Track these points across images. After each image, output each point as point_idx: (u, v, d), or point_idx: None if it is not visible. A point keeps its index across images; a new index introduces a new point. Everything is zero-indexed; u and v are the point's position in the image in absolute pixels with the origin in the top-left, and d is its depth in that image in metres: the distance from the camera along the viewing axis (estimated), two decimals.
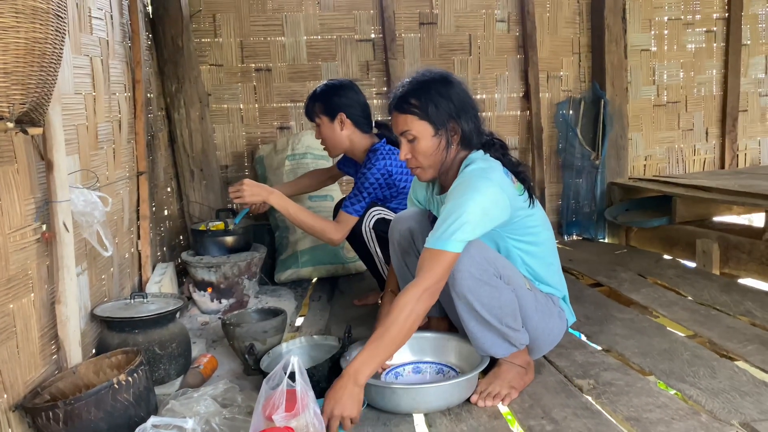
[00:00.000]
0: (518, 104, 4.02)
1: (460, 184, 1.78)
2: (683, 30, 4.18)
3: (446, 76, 1.88)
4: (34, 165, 1.76)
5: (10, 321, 1.62)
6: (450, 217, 1.71)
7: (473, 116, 1.87)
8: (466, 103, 1.86)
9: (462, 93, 1.87)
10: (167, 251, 3.23)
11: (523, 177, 1.88)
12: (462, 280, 1.73)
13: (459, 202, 1.72)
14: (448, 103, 1.83)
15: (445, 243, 1.69)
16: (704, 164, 4.36)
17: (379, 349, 1.69)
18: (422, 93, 1.83)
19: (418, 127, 1.84)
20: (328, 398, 1.65)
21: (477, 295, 1.75)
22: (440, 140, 1.85)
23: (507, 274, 1.81)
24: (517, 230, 1.89)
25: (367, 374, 1.67)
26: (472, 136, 1.87)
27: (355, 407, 1.63)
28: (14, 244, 1.64)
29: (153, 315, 2.06)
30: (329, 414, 1.61)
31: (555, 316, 1.96)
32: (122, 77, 2.61)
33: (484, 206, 1.72)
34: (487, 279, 1.75)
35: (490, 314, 1.77)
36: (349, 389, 1.63)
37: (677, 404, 1.75)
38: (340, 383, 1.65)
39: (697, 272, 3.10)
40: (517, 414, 1.78)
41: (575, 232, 4.12)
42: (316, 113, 2.66)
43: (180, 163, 3.49)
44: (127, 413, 1.61)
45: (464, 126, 1.85)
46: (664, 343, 2.20)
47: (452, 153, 1.88)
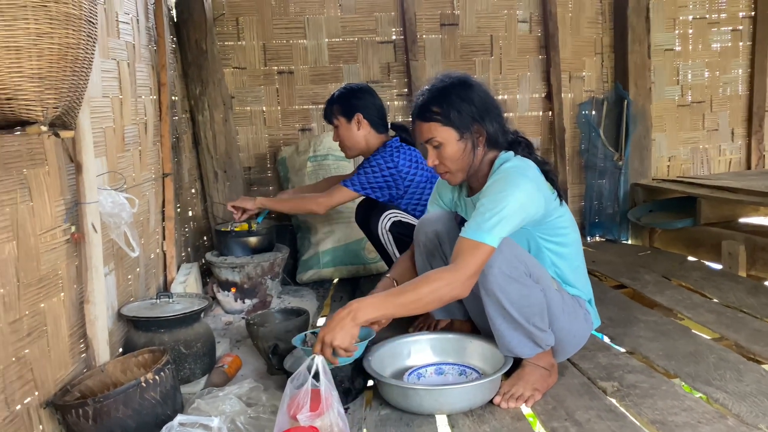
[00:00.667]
0: (540, 105, 4.00)
1: (498, 180, 1.78)
2: (708, 29, 4.12)
3: (465, 80, 1.88)
4: (64, 167, 1.80)
5: (41, 320, 1.66)
6: (489, 211, 1.70)
7: (497, 116, 1.87)
8: (488, 104, 1.86)
9: (483, 94, 1.87)
10: (192, 252, 3.27)
11: (551, 176, 1.88)
12: (492, 277, 1.73)
13: (498, 197, 1.72)
14: (470, 107, 1.83)
15: (484, 236, 1.68)
16: (730, 165, 4.30)
17: (389, 303, 1.68)
18: (443, 99, 1.83)
19: (442, 134, 1.85)
20: (324, 326, 1.66)
21: (506, 292, 1.74)
22: (466, 144, 1.85)
23: (536, 273, 1.80)
24: (548, 230, 1.89)
25: (368, 317, 1.65)
26: (498, 136, 1.88)
27: (347, 339, 1.62)
28: (45, 245, 1.68)
29: (178, 315, 2.09)
30: (321, 339, 1.63)
31: (581, 318, 1.95)
32: (148, 80, 2.65)
33: (522, 202, 1.72)
34: (517, 276, 1.74)
35: (519, 313, 1.76)
36: (347, 323, 1.63)
37: (703, 407, 1.73)
38: (340, 315, 1.65)
39: (722, 274, 3.06)
40: (540, 416, 1.77)
41: (598, 233, 4.08)
42: (335, 114, 2.73)
43: (204, 165, 3.53)
44: (154, 411, 1.64)
45: (488, 127, 1.85)
46: (690, 345, 2.18)
47: (479, 155, 1.89)
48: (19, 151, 1.58)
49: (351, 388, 1.93)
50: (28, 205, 1.62)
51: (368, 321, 1.67)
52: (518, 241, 1.86)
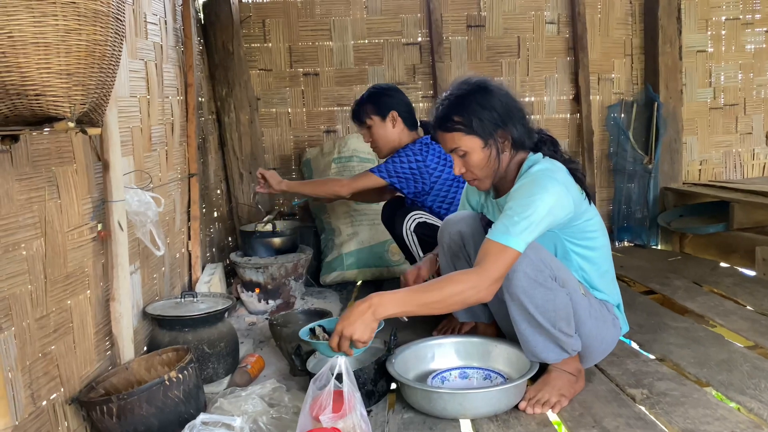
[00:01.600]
0: (568, 107, 3.95)
1: (526, 183, 1.74)
2: (742, 30, 4.02)
3: (484, 86, 1.83)
4: (91, 165, 1.81)
5: (68, 317, 1.67)
6: (517, 215, 1.67)
7: (520, 119, 1.83)
8: (510, 107, 1.81)
9: (504, 98, 1.82)
10: (216, 252, 3.29)
11: (579, 175, 1.84)
12: (517, 281, 1.70)
13: (527, 201, 1.68)
14: (491, 113, 1.79)
15: (510, 240, 1.64)
16: (764, 169, 4.19)
17: (411, 300, 1.66)
18: (464, 108, 1.80)
19: (466, 143, 1.81)
20: (343, 317, 1.64)
21: (531, 296, 1.71)
22: (491, 150, 1.81)
23: (562, 277, 1.76)
24: (575, 233, 1.85)
25: (389, 313, 1.63)
26: (523, 138, 1.84)
27: (366, 333, 1.62)
28: (72, 242, 1.70)
29: (203, 314, 2.09)
30: (339, 332, 1.62)
31: (609, 323, 1.91)
32: (175, 81, 2.67)
33: (550, 206, 1.68)
34: (542, 281, 1.71)
35: (544, 317, 1.73)
36: (367, 317, 1.62)
37: (737, 417, 1.67)
38: (360, 308, 1.62)
39: (756, 281, 2.97)
40: (567, 422, 1.73)
41: (627, 238, 4.01)
42: (367, 114, 2.69)
43: (229, 166, 3.55)
44: (177, 410, 1.64)
45: (512, 131, 1.81)
46: (722, 353, 2.12)
47: (505, 159, 1.85)
48: (48, 149, 1.59)
49: (374, 391, 1.91)
50: (56, 202, 1.63)
51: (388, 317, 1.65)
52: (545, 245, 1.82)
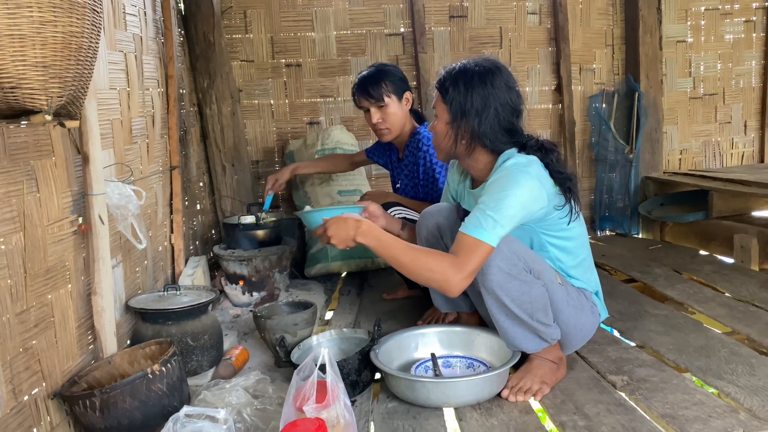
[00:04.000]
0: (550, 97, 3.97)
1: (500, 178, 1.74)
2: (721, 20, 4.07)
3: (484, 74, 1.80)
4: (71, 159, 1.80)
5: (49, 311, 1.66)
6: (490, 209, 1.68)
7: (494, 120, 1.79)
8: (488, 105, 1.79)
9: (490, 95, 1.79)
10: (200, 245, 3.27)
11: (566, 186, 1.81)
12: (491, 276, 1.71)
13: (500, 196, 1.69)
14: (467, 100, 1.79)
15: (483, 234, 1.66)
16: (743, 158, 4.25)
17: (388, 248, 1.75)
18: (453, 80, 1.83)
19: (439, 109, 1.89)
20: (338, 219, 1.80)
21: (506, 290, 1.73)
22: (452, 130, 1.85)
23: (537, 268, 1.78)
24: (551, 226, 1.86)
25: (366, 243, 1.76)
26: (484, 139, 1.81)
27: (341, 244, 1.79)
28: (52, 236, 1.68)
29: (186, 307, 2.08)
30: (327, 227, 1.80)
31: (587, 310, 1.93)
32: (155, 73, 2.65)
33: (523, 201, 1.70)
34: (516, 273, 1.73)
35: (521, 309, 1.75)
36: (350, 233, 1.77)
37: (714, 402, 1.70)
38: (350, 224, 1.77)
39: (735, 268, 3.02)
40: (549, 409, 1.76)
41: (608, 227, 4.05)
42: (387, 92, 2.57)
43: (212, 158, 3.53)
44: (161, 402, 1.64)
45: (476, 127, 1.80)
46: (701, 339, 2.15)
47: (463, 148, 1.86)
48: (26, 142, 1.58)
49: (358, 381, 1.92)
50: (35, 196, 1.62)
51: (364, 245, 1.76)
52: (521, 238, 1.84)
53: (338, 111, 3.82)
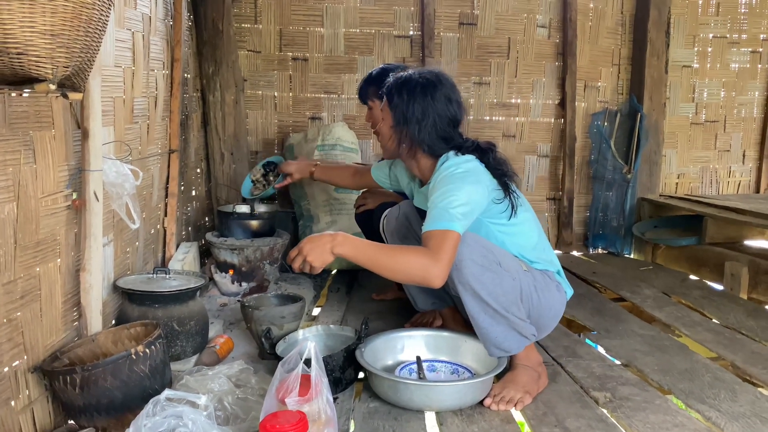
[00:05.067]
0: (553, 111, 3.98)
1: (442, 178, 1.83)
2: (728, 48, 4.09)
3: (426, 85, 1.91)
4: (70, 133, 1.78)
5: (36, 284, 1.64)
6: (441, 204, 1.74)
7: (432, 129, 1.90)
8: (426, 115, 1.89)
9: (429, 106, 1.89)
10: (192, 231, 3.26)
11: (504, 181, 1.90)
12: (465, 268, 1.74)
13: (445, 191, 1.77)
14: (408, 109, 1.90)
15: (445, 224, 1.70)
16: (739, 187, 4.27)
17: (366, 253, 1.72)
18: (397, 87, 1.93)
19: (384, 112, 1.99)
20: (310, 239, 1.75)
21: (482, 282, 1.75)
22: (394, 134, 1.96)
23: (505, 261, 1.82)
24: (495, 214, 1.91)
25: (344, 253, 1.71)
26: (422, 146, 1.93)
27: (319, 260, 1.71)
28: (45, 209, 1.67)
29: (174, 291, 2.07)
30: (300, 249, 1.74)
31: (554, 290, 1.97)
32: (161, 55, 2.63)
33: (468, 192, 1.77)
34: (488, 265, 1.76)
35: (496, 302, 1.77)
36: (326, 248, 1.71)
37: (695, 425, 1.71)
38: (325, 238, 1.73)
39: (723, 295, 3.03)
40: (531, 420, 1.75)
41: (601, 245, 4.06)
42: None
43: (211, 145, 3.52)
44: (143, 384, 1.62)
45: (415, 135, 1.91)
46: (686, 362, 2.16)
47: (405, 151, 1.97)
48: (26, 112, 1.56)
49: (341, 378, 1.91)
50: (32, 167, 1.60)
51: (343, 256, 1.73)
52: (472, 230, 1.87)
53: (341, 108, 3.81)
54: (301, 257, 1.73)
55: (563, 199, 3.99)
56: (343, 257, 1.73)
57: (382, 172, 2.42)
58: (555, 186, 4.05)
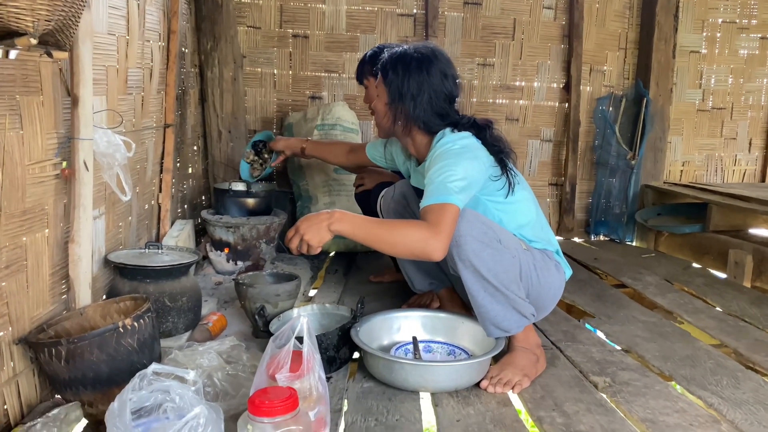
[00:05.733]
0: (557, 95, 3.91)
1: (439, 154, 1.80)
2: (737, 34, 4.01)
3: (421, 60, 1.87)
4: (59, 100, 1.72)
5: (22, 254, 1.59)
6: (438, 179, 1.71)
7: (428, 105, 1.86)
8: (422, 91, 1.85)
9: (425, 81, 1.85)
10: (188, 209, 3.21)
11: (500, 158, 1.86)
12: (465, 245, 1.70)
13: (442, 167, 1.74)
14: (403, 84, 1.86)
15: (443, 197, 1.67)
16: (744, 176, 4.21)
17: (364, 228, 1.69)
18: (392, 63, 1.89)
19: (379, 89, 1.94)
20: (306, 218, 1.71)
21: (482, 258, 1.71)
22: (390, 111, 1.92)
23: (504, 238, 1.78)
24: (493, 192, 1.87)
25: (342, 230, 1.68)
26: (418, 122, 1.89)
27: (316, 238, 1.67)
28: (32, 177, 1.62)
29: (166, 266, 2.03)
30: (297, 229, 1.70)
31: (553, 269, 1.93)
32: (158, 26, 2.57)
33: (464, 167, 1.74)
34: (488, 242, 1.72)
35: (496, 279, 1.73)
36: (323, 226, 1.68)
37: (697, 411, 1.67)
38: (322, 216, 1.69)
39: (727, 283, 2.98)
40: (528, 404, 1.71)
41: (603, 232, 4.01)
42: None
43: (209, 123, 3.45)
44: (130, 358, 1.58)
45: (411, 111, 1.87)
46: (687, 349, 2.12)
47: (400, 128, 1.93)
48: (12, 75, 1.50)
49: (336, 357, 1.87)
50: (18, 133, 1.55)
51: (340, 233, 1.69)
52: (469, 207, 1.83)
53: (342, 87, 3.75)
54: (298, 236, 1.69)
55: (565, 184, 3.93)
56: (341, 234, 1.69)
57: (377, 150, 2.37)
58: (557, 171, 3.99)
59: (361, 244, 3.22)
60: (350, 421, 1.60)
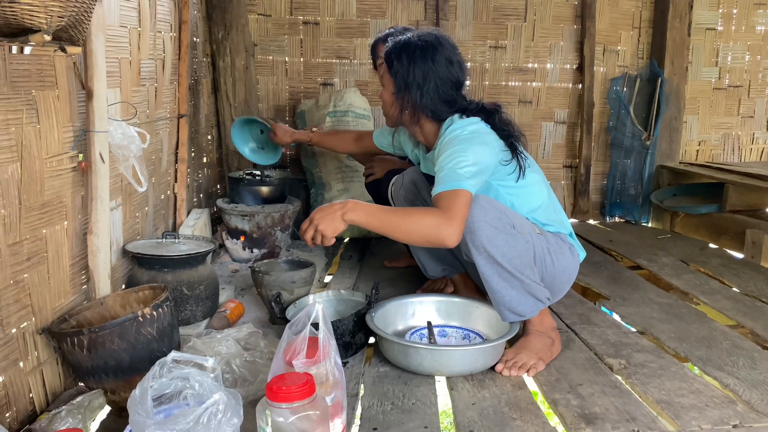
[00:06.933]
0: (571, 76, 3.87)
1: (448, 141, 1.79)
2: (754, 10, 3.93)
3: (426, 48, 1.85)
4: (74, 93, 1.75)
5: (42, 246, 1.63)
6: (448, 166, 1.71)
7: (434, 93, 1.86)
8: (427, 79, 1.84)
9: (430, 69, 1.84)
10: (204, 198, 3.24)
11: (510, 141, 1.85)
12: (479, 231, 1.70)
13: (450, 152, 1.74)
14: (409, 74, 1.84)
15: (455, 183, 1.67)
16: (762, 154, 4.15)
17: (378, 216, 1.69)
18: (397, 53, 1.87)
19: (385, 79, 1.93)
20: (320, 209, 1.72)
21: (496, 244, 1.71)
22: (396, 101, 1.90)
23: (518, 223, 1.78)
24: (503, 176, 1.86)
25: (356, 219, 1.68)
26: (425, 111, 1.88)
27: (330, 228, 1.68)
28: (50, 170, 1.64)
29: (183, 255, 2.06)
30: (311, 220, 1.71)
31: (567, 252, 1.93)
32: (169, 17, 2.58)
33: (475, 153, 1.73)
34: (502, 227, 1.72)
35: (511, 265, 1.73)
36: (337, 217, 1.68)
37: (712, 391, 1.67)
38: (333, 207, 1.70)
39: (744, 263, 2.96)
40: (543, 386, 1.72)
41: (618, 213, 3.98)
42: None
43: (222, 112, 3.47)
44: (150, 347, 1.61)
45: (417, 100, 1.86)
46: (703, 330, 2.11)
47: (408, 117, 1.92)
48: (28, 71, 1.53)
49: (351, 343, 1.89)
50: (35, 127, 1.57)
51: (355, 223, 1.69)
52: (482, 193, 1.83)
53: (353, 74, 3.74)
54: (313, 228, 1.70)
55: (580, 166, 3.91)
56: (355, 224, 1.70)
57: (385, 138, 2.37)
58: (572, 153, 3.96)
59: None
60: (366, 405, 1.62)
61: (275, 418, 1.22)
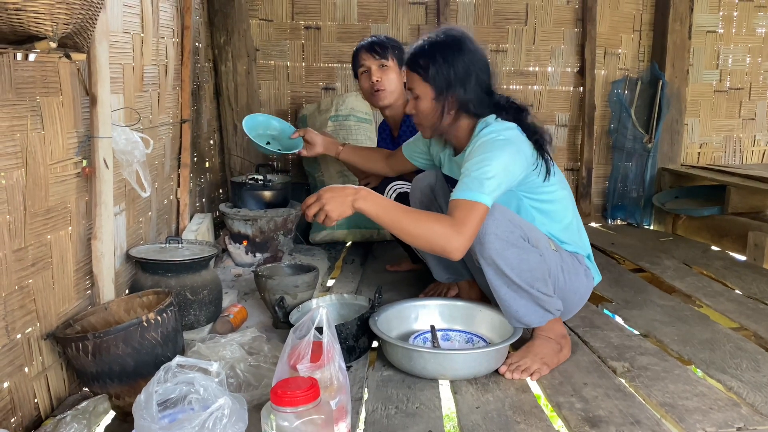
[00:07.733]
0: (572, 80, 3.88)
1: (479, 145, 1.76)
2: (754, 12, 3.94)
3: (458, 42, 1.82)
4: (78, 99, 1.76)
5: (47, 251, 1.63)
6: (475, 171, 1.68)
7: (479, 85, 1.82)
8: (471, 72, 1.81)
9: (471, 61, 1.81)
10: (206, 203, 3.25)
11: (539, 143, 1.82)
12: (489, 243, 1.68)
13: (482, 160, 1.70)
14: (450, 71, 1.80)
15: (475, 195, 1.64)
16: (763, 156, 4.15)
17: (388, 213, 1.67)
18: (431, 56, 1.82)
19: (421, 88, 1.84)
20: (331, 188, 1.69)
21: (505, 258, 1.69)
22: (439, 105, 1.84)
23: (533, 236, 1.76)
24: (532, 189, 1.85)
25: (365, 209, 1.66)
26: (473, 105, 1.83)
27: (337, 211, 1.66)
28: (55, 176, 1.65)
29: (187, 260, 2.06)
30: (319, 196, 1.67)
31: (581, 274, 1.91)
32: (171, 22, 2.59)
33: (505, 163, 1.70)
34: (513, 240, 1.70)
35: (520, 278, 1.71)
36: (347, 200, 1.66)
37: (716, 394, 1.67)
38: (347, 191, 1.67)
39: (746, 265, 2.96)
40: (546, 389, 1.73)
41: (620, 216, 3.99)
42: (392, 55, 2.61)
43: (224, 117, 3.48)
44: (154, 351, 1.62)
45: (462, 95, 1.81)
46: (706, 332, 2.11)
47: (449, 119, 1.86)
48: (32, 77, 1.54)
49: (355, 347, 1.90)
50: (40, 133, 1.58)
51: (363, 212, 1.67)
52: (505, 204, 1.82)
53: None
54: (319, 205, 1.67)
55: (582, 169, 3.92)
56: (364, 213, 1.67)
57: (416, 146, 2.25)
58: (573, 156, 3.97)
59: (377, 234, 3.28)
60: (371, 409, 1.62)
61: (280, 423, 1.22)
